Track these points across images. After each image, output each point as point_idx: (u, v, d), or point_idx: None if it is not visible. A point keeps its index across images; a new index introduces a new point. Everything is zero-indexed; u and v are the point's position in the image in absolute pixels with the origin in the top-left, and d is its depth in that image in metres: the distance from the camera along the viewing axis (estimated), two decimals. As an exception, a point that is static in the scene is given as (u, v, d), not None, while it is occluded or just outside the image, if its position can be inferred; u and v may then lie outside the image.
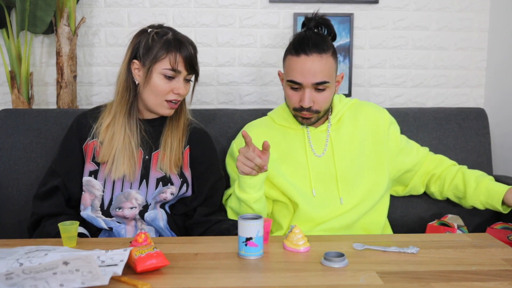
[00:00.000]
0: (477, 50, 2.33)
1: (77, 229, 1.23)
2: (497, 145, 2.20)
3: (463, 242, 1.27)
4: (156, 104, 1.49)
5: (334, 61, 1.53)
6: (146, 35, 1.48)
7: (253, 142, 1.53)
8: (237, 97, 2.30)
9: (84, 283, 0.94)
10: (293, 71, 1.49)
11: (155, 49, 1.46)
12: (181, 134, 1.56)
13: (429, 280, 1.02)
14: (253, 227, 1.13)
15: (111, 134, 1.49)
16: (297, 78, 1.48)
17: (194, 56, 1.50)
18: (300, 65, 1.47)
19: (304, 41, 1.49)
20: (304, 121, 1.56)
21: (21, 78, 2.08)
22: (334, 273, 1.05)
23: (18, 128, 1.83)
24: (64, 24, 2.06)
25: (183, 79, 1.48)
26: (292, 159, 1.59)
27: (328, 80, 1.49)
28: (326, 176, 1.59)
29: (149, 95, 1.48)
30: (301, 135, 1.61)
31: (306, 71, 1.47)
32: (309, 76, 1.47)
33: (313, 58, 1.47)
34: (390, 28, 2.29)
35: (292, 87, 1.52)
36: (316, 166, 1.58)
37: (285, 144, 1.61)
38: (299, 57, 1.48)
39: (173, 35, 1.49)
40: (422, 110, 2.01)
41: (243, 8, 2.25)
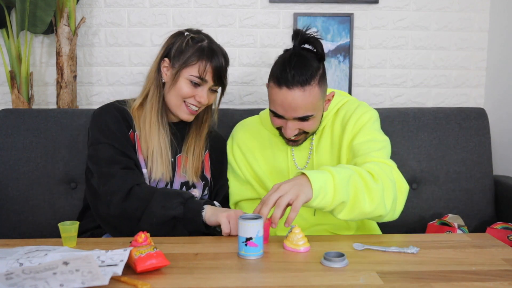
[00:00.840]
0: (477, 50, 2.33)
1: (77, 229, 1.23)
2: (497, 145, 2.20)
3: (463, 242, 1.27)
4: (176, 105, 1.49)
5: (319, 90, 1.39)
6: (181, 37, 1.49)
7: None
8: (237, 97, 2.30)
9: (84, 283, 0.94)
10: (274, 103, 1.40)
11: (187, 54, 1.45)
12: (203, 142, 1.58)
13: (429, 280, 1.01)
14: (253, 227, 1.13)
15: (147, 131, 1.48)
16: (278, 111, 1.40)
17: (224, 68, 1.49)
18: (281, 98, 1.37)
19: (286, 70, 1.35)
20: (291, 143, 1.49)
21: (21, 78, 2.08)
22: (334, 273, 1.05)
23: (18, 128, 1.83)
24: (64, 24, 2.06)
25: (208, 88, 1.48)
26: (274, 165, 1.57)
27: (311, 113, 1.39)
28: None
29: (172, 95, 1.48)
30: (284, 145, 1.56)
31: (287, 106, 1.37)
32: (290, 111, 1.37)
33: (294, 93, 1.35)
34: (390, 28, 2.29)
35: (275, 114, 1.42)
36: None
37: (269, 151, 1.59)
38: (281, 90, 1.36)
39: (208, 43, 1.48)
40: (422, 110, 2.01)
41: (243, 8, 2.25)
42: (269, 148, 1.59)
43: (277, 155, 1.58)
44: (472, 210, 1.95)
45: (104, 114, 1.48)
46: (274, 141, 1.59)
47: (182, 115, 1.50)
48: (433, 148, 1.94)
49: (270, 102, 1.43)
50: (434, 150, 1.95)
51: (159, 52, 1.53)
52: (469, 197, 1.95)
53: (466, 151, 1.97)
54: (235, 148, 1.62)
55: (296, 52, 1.40)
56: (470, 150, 1.98)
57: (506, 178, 2.02)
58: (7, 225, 1.80)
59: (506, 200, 1.94)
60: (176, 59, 1.47)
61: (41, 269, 0.91)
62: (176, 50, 1.47)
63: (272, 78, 1.40)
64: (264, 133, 1.61)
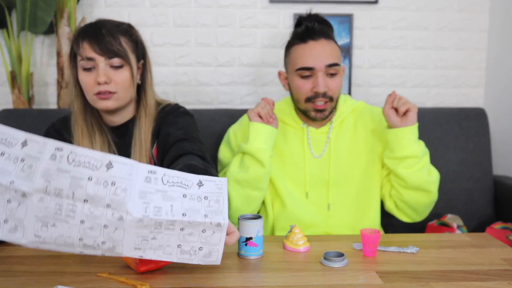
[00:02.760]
0: (477, 50, 2.33)
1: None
2: (497, 145, 2.20)
3: (462, 242, 1.27)
4: (91, 101, 1.35)
5: (340, 50, 1.52)
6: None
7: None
8: (237, 97, 2.30)
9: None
10: (302, 57, 1.46)
11: (71, 47, 1.35)
12: (146, 136, 1.40)
13: (429, 280, 1.02)
14: (253, 227, 1.13)
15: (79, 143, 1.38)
16: (308, 63, 1.45)
17: (104, 36, 1.31)
18: (310, 49, 1.46)
19: (308, 29, 1.48)
20: (318, 114, 1.50)
21: (21, 78, 2.08)
22: (334, 273, 1.05)
23: (18, 128, 1.83)
24: (64, 24, 2.06)
25: (104, 66, 1.31)
26: (289, 158, 1.55)
27: (339, 62, 1.48)
28: (319, 180, 1.55)
29: (85, 93, 1.36)
30: (300, 135, 1.57)
31: (317, 54, 1.45)
32: (320, 58, 1.45)
33: (321, 42, 1.46)
34: (390, 28, 2.29)
35: (302, 76, 1.48)
36: (312, 167, 1.54)
37: (282, 142, 1.57)
38: (307, 44, 1.46)
39: (85, 26, 1.36)
40: (422, 110, 2.01)
41: (243, 8, 2.25)
42: (281, 139, 1.57)
43: (292, 143, 1.57)
44: (471, 210, 1.95)
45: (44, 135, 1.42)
46: (287, 130, 1.59)
47: (99, 105, 1.34)
48: (433, 148, 1.94)
49: (297, 62, 1.47)
50: (434, 150, 1.95)
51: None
52: (469, 197, 1.95)
53: (466, 151, 1.98)
54: (240, 133, 1.60)
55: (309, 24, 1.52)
56: (469, 150, 1.98)
57: (505, 178, 2.02)
58: (7, 225, 1.80)
59: (506, 200, 1.94)
60: (69, 53, 1.37)
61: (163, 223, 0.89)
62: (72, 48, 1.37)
63: (292, 43, 1.50)
64: (278, 125, 1.58)
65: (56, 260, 1.12)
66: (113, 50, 1.31)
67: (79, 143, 1.38)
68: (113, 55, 1.32)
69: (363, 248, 1.16)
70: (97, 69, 1.31)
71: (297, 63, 1.47)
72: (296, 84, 1.50)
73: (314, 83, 1.46)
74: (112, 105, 1.35)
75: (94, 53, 1.30)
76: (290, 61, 1.51)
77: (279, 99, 2.29)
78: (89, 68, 1.32)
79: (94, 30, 1.32)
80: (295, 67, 1.48)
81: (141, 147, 1.39)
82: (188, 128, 1.40)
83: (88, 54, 1.31)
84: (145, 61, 1.42)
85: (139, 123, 1.40)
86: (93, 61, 1.31)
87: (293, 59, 1.49)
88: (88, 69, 1.32)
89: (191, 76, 2.28)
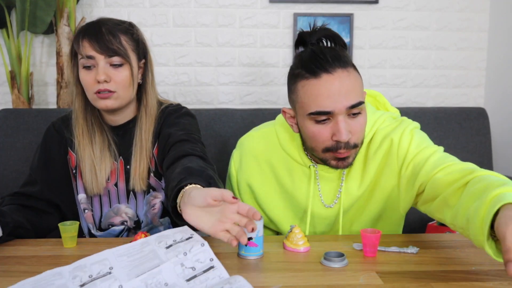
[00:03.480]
0: (477, 50, 2.33)
1: (77, 229, 1.23)
2: (498, 144, 2.20)
3: (463, 242, 1.27)
4: (91, 100, 1.34)
5: (359, 77, 1.17)
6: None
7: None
8: (237, 97, 2.30)
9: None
10: (316, 99, 1.12)
11: (72, 46, 1.34)
12: (147, 136, 1.38)
13: (429, 280, 1.01)
14: (253, 227, 1.12)
15: (80, 142, 1.38)
16: (324, 106, 1.11)
17: (104, 34, 1.30)
18: (324, 88, 1.11)
19: (319, 56, 1.13)
20: (340, 163, 1.19)
21: (21, 78, 2.08)
22: (334, 273, 1.05)
23: (18, 128, 1.83)
24: (64, 24, 2.06)
25: (104, 64, 1.30)
26: (291, 198, 1.32)
27: (362, 99, 1.14)
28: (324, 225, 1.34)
29: (85, 92, 1.35)
30: (307, 175, 1.29)
31: (334, 94, 1.11)
32: (340, 98, 1.11)
33: (338, 75, 1.11)
34: (390, 28, 2.29)
35: (317, 121, 1.14)
36: (320, 218, 1.32)
37: (288, 178, 1.31)
38: (320, 79, 1.11)
39: (86, 24, 1.35)
40: (422, 110, 2.01)
41: (243, 8, 2.25)
42: (285, 174, 1.31)
43: (298, 184, 1.29)
44: (472, 210, 1.95)
45: (43, 138, 1.44)
46: (293, 165, 1.29)
47: (99, 104, 1.32)
48: (433, 148, 1.94)
49: (309, 104, 1.14)
50: (434, 150, 1.95)
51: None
52: (469, 197, 1.95)
53: (467, 151, 1.97)
54: (242, 181, 1.34)
55: (317, 45, 1.19)
56: (470, 150, 1.98)
57: (506, 178, 2.02)
58: (7, 225, 1.80)
59: (506, 200, 1.94)
60: (70, 52, 1.36)
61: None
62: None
63: (300, 77, 1.15)
64: (280, 153, 1.31)
65: (56, 260, 1.12)
66: (113, 49, 1.30)
67: (80, 142, 1.38)
68: (113, 53, 1.30)
69: (363, 248, 1.16)
70: (97, 67, 1.30)
71: (310, 105, 1.13)
72: (310, 131, 1.16)
73: (334, 129, 1.14)
74: (112, 105, 1.33)
75: (94, 51, 1.29)
76: (299, 101, 1.16)
77: (279, 99, 2.30)
78: (89, 67, 1.31)
79: (94, 28, 1.31)
80: (307, 111, 1.14)
81: (141, 147, 1.37)
82: (189, 129, 1.37)
83: (88, 52, 1.29)
84: (147, 61, 1.40)
85: (140, 123, 1.38)
86: (93, 59, 1.30)
87: (303, 99, 1.15)
88: (88, 67, 1.31)
89: (191, 76, 2.28)
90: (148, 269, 0.92)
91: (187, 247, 0.98)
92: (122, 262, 0.95)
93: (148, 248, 0.99)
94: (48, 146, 1.42)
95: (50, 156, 1.41)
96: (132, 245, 1.00)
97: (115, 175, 1.40)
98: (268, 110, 1.97)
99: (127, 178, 1.38)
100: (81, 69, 1.32)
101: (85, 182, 1.38)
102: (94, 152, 1.37)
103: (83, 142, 1.37)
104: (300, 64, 1.16)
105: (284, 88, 2.37)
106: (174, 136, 1.34)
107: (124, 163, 1.40)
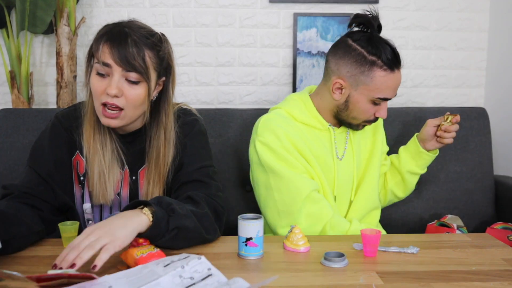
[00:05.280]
0: (477, 50, 2.33)
1: (77, 229, 1.23)
2: (498, 145, 2.20)
3: (463, 242, 1.27)
4: (96, 109, 1.24)
5: None
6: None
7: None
8: (237, 97, 2.30)
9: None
10: (388, 89, 1.41)
11: (92, 43, 1.24)
12: (164, 147, 1.31)
13: (429, 280, 1.01)
14: (253, 227, 1.13)
15: (90, 147, 1.29)
16: (390, 94, 1.43)
17: (128, 45, 1.19)
18: (395, 82, 1.42)
19: (397, 56, 1.41)
20: (362, 128, 1.52)
21: (21, 78, 2.08)
22: (334, 273, 1.05)
23: (18, 128, 1.83)
24: (64, 24, 2.06)
25: (119, 77, 1.20)
26: (321, 160, 1.49)
27: None
28: (344, 182, 1.54)
29: (93, 98, 1.24)
30: (327, 136, 1.51)
31: (397, 87, 1.44)
32: (396, 91, 1.45)
33: (400, 73, 1.43)
34: (390, 28, 2.29)
35: (375, 103, 1.43)
36: (339, 170, 1.52)
37: (313, 144, 1.48)
38: (394, 73, 1.40)
39: (112, 25, 1.24)
40: (422, 110, 2.01)
41: (243, 8, 2.25)
42: (312, 141, 1.48)
43: (322, 145, 1.49)
44: (472, 210, 1.95)
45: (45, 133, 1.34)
46: (314, 133, 1.49)
47: (102, 119, 1.24)
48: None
49: (381, 90, 1.40)
50: (434, 150, 1.95)
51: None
52: (470, 197, 1.95)
53: (467, 151, 1.97)
54: (285, 141, 1.43)
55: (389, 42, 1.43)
56: (470, 150, 1.98)
57: (506, 178, 2.02)
58: (7, 225, 1.80)
59: (506, 200, 1.94)
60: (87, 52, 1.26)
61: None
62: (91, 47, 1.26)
63: (379, 65, 1.38)
64: (300, 127, 1.48)
65: (55, 260, 1.12)
66: (133, 64, 1.19)
67: (90, 147, 1.29)
68: (132, 69, 1.19)
69: (363, 248, 1.16)
70: (111, 77, 1.19)
71: (381, 91, 1.41)
72: (365, 108, 1.44)
73: (380, 109, 1.45)
74: (115, 125, 1.24)
75: (112, 60, 1.18)
76: (371, 85, 1.40)
77: (278, 99, 2.30)
78: (102, 74, 1.20)
79: (120, 35, 1.19)
80: (376, 95, 1.41)
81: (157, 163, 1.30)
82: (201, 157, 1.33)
83: (105, 59, 1.18)
84: (167, 79, 1.30)
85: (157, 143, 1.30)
86: (109, 67, 1.19)
87: (377, 85, 1.39)
88: (102, 74, 1.21)
89: (191, 76, 2.28)
90: (146, 282, 0.93)
91: (184, 262, 0.99)
92: (121, 280, 0.95)
93: (147, 270, 0.99)
94: (56, 144, 1.32)
95: (59, 156, 1.32)
96: (130, 269, 1.01)
97: (119, 184, 1.34)
98: (268, 110, 1.97)
99: (131, 188, 1.34)
100: (94, 74, 1.22)
101: (93, 190, 1.30)
102: (105, 160, 1.29)
103: (93, 148, 1.28)
104: (377, 53, 1.38)
105: (284, 88, 2.37)
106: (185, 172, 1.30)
107: (129, 173, 1.34)
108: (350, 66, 1.40)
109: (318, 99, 1.50)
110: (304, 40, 2.25)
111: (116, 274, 0.98)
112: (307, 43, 2.26)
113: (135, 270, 1.00)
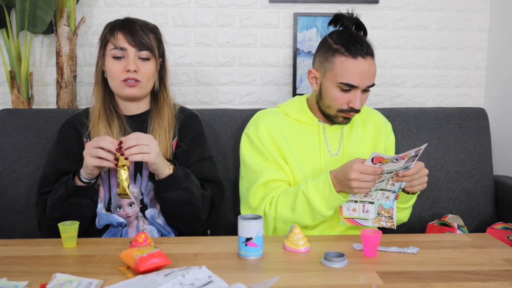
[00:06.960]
0: (477, 50, 2.33)
1: (77, 229, 1.23)
2: (497, 145, 2.20)
3: (463, 242, 1.27)
4: (116, 87, 1.49)
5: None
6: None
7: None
8: (237, 97, 2.30)
9: None
10: (349, 74, 1.46)
11: (105, 33, 1.51)
12: (167, 125, 1.54)
13: (429, 280, 1.01)
14: (253, 227, 1.13)
15: (98, 130, 1.50)
16: (354, 81, 1.46)
17: (137, 30, 1.48)
18: (358, 68, 1.46)
19: (358, 42, 1.47)
20: (345, 121, 1.56)
21: (21, 78, 2.08)
22: (334, 273, 1.05)
23: (18, 128, 1.83)
24: (64, 24, 2.06)
25: (133, 56, 1.47)
26: (308, 155, 1.57)
27: (374, 82, 1.53)
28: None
29: (110, 80, 1.50)
30: (316, 132, 1.59)
31: (364, 75, 1.46)
32: (365, 79, 1.47)
33: (369, 62, 1.47)
34: (390, 28, 2.29)
35: (343, 89, 1.48)
36: (328, 164, 1.57)
37: (301, 139, 1.58)
38: (356, 60, 1.45)
39: (117, 20, 1.52)
40: (422, 110, 2.01)
41: (243, 8, 2.25)
42: (299, 136, 1.58)
43: (310, 140, 1.58)
44: (472, 210, 1.95)
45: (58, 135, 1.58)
46: (304, 128, 1.59)
47: (124, 91, 1.49)
48: (433, 148, 1.94)
49: (342, 75, 1.46)
50: (434, 150, 1.95)
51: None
52: (469, 197, 1.95)
53: (466, 151, 1.97)
54: (262, 132, 1.56)
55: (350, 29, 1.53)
56: (470, 150, 1.98)
57: (506, 178, 2.02)
58: (7, 225, 1.80)
59: (506, 200, 1.94)
60: (100, 42, 1.52)
61: None
62: (100, 39, 1.53)
63: (339, 52, 1.47)
64: (291, 123, 1.59)
65: (55, 260, 1.12)
66: (144, 43, 1.47)
67: (94, 126, 1.50)
68: (143, 47, 1.48)
69: (364, 249, 1.16)
70: (127, 58, 1.47)
71: (343, 77, 1.47)
72: (334, 95, 1.50)
73: (352, 98, 1.49)
74: (136, 93, 1.50)
75: (127, 44, 1.46)
76: (333, 70, 1.49)
77: (279, 99, 2.30)
78: (119, 57, 1.47)
79: (127, 24, 1.48)
80: (339, 80, 1.47)
81: (161, 133, 1.51)
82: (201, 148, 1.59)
83: (121, 44, 1.46)
84: (163, 60, 1.58)
85: (161, 113, 1.54)
86: (124, 51, 1.46)
87: (338, 70, 1.48)
88: (118, 57, 1.47)
89: (191, 76, 2.28)
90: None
91: (185, 271, 1.00)
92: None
93: (147, 279, 1.00)
94: (63, 140, 1.55)
95: (68, 148, 1.52)
96: (130, 279, 1.02)
97: None
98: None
99: (136, 163, 1.48)
100: (110, 59, 1.48)
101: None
102: (112, 133, 1.49)
103: (99, 126, 1.50)
104: (340, 42, 1.48)
105: (284, 88, 2.38)
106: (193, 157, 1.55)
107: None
108: (320, 56, 1.53)
109: (310, 97, 1.63)
110: (304, 40, 2.25)
111: (116, 285, 0.99)
112: (307, 43, 2.26)
113: (135, 279, 1.01)
